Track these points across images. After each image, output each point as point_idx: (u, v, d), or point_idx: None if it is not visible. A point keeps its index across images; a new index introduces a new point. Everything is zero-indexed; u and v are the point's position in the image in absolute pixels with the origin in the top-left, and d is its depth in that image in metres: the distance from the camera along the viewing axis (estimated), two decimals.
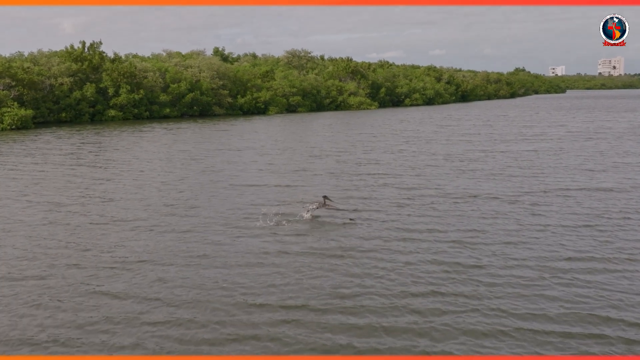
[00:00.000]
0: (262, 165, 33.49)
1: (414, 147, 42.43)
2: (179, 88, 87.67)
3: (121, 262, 15.52)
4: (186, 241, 17.40)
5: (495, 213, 20.78)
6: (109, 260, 15.65)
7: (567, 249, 16.25)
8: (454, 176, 29.07)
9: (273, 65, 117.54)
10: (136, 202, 23.18)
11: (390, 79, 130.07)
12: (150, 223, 19.64)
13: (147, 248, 16.75)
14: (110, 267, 15.11)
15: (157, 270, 14.77)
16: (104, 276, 14.45)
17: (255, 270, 14.70)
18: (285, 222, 19.45)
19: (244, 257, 15.81)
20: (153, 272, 14.69)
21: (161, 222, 19.78)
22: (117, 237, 17.98)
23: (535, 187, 25.73)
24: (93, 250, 16.61)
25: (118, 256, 16.03)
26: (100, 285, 13.83)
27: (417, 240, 17.10)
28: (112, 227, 19.20)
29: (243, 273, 14.47)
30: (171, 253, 16.25)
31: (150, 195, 24.45)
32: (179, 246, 16.90)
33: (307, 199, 22.93)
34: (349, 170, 31.12)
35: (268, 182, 27.60)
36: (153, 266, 15.12)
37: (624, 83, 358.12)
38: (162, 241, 17.45)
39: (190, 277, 14.25)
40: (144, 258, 15.80)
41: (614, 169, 30.84)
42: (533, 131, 55.66)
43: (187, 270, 14.75)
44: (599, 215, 20.52)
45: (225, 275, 14.34)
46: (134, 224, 19.51)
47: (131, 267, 15.10)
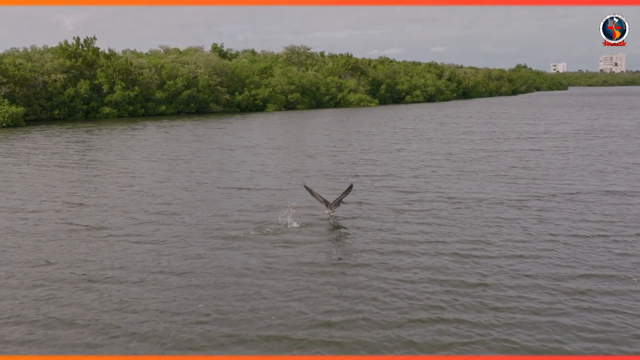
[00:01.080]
0: (253, 165, 31.88)
1: (413, 146, 40.82)
2: (175, 85, 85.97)
3: (85, 279, 13.92)
4: (162, 254, 15.81)
5: (500, 220, 19.18)
6: (71, 278, 14.03)
7: (581, 264, 14.65)
8: (455, 178, 27.47)
9: (272, 61, 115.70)
10: (113, 208, 21.55)
11: (391, 76, 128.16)
12: (125, 232, 18.04)
13: (117, 262, 15.15)
14: (71, 286, 13.52)
15: (123, 291, 13.17)
16: (61, 297, 12.84)
17: (234, 290, 13.11)
18: (271, 231, 17.87)
19: (224, 274, 14.22)
20: (119, 292, 13.10)
21: (137, 231, 18.18)
22: (85, 249, 16.38)
23: (542, 191, 24.13)
24: (56, 265, 15.01)
25: (82, 272, 14.43)
26: (54, 310, 12.22)
27: (415, 254, 15.49)
28: (82, 237, 17.59)
29: (220, 296, 12.87)
30: (143, 268, 14.66)
31: (130, 200, 22.83)
32: (153, 260, 15.31)
33: (297, 205, 21.33)
34: (345, 172, 29.51)
35: (258, 184, 25.99)
36: (120, 285, 13.52)
37: (626, 80, 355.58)
38: (135, 254, 15.86)
39: (160, 300, 12.65)
40: (111, 274, 14.20)
41: (625, 170, 29.22)
42: (537, 129, 54.00)
43: (158, 291, 13.16)
44: (613, 222, 18.93)
45: (200, 297, 12.75)
46: (107, 233, 17.91)
47: (95, 286, 13.50)
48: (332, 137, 48.76)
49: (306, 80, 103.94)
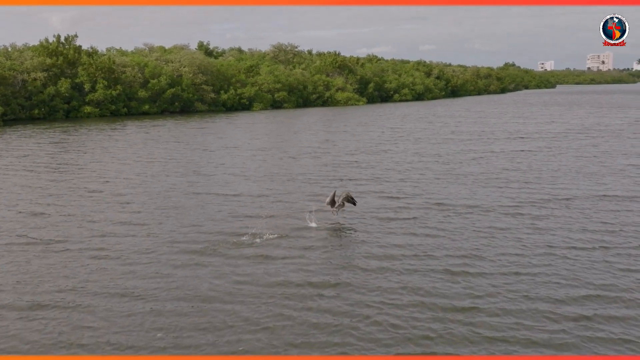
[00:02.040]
0: (232, 168, 30.36)
1: (401, 147, 39.47)
2: (158, 83, 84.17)
3: (30, 305, 12.40)
4: (121, 273, 14.31)
5: (492, 230, 17.84)
6: (16, 304, 12.49)
7: (582, 283, 13.32)
8: (444, 182, 26.13)
9: (259, 60, 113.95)
10: (76, 217, 19.96)
11: (379, 74, 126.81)
12: (85, 246, 16.51)
13: (70, 283, 13.65)
14: (15, 313, 12.01)
15: (71, 319, 11.69)
16: (4, 327, 11.34)
17: (197, 318, 11.66)
18: (246, 244, 16.43)
19: (188, 297, 12.77)
20: (65, 320, 11.62)
21: (98, 244, 16.66)
22: (37, 266, 14.84)
23: (535, 196, 22.84)
24: (3, 286, 13.48)
25: (29, 296, 12.91)
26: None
27: (402, 272, 14.08)
28: (37, 252, 16.04)
29: (181, 325, 11.42)
30: (98, 290, 13.17)
31: (95, 209, 21.27)
32: (111, 280, 13.81)
33: (279, 215, 19.92)
34: (329, 175, 28.09)
35: (235, 190, 24.50)
36: (68, 312, 12.02)
37: (613, 78, 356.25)
38: (91, 272, 14.35)
39: (112, 329, 11.19)
40: (61, 298, 12.70)
41: (620, 173, 28.00)
42: (527, 128, 52.82)
43: (110, 318, 11.69)
44: (613, 232, 17.65)
45: (159, 326, 11.30)
46: (64, 247, 16.37)
47: (39, 314, 11.98)
48: (317, 137, 47.31)
49: (293, 78, 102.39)
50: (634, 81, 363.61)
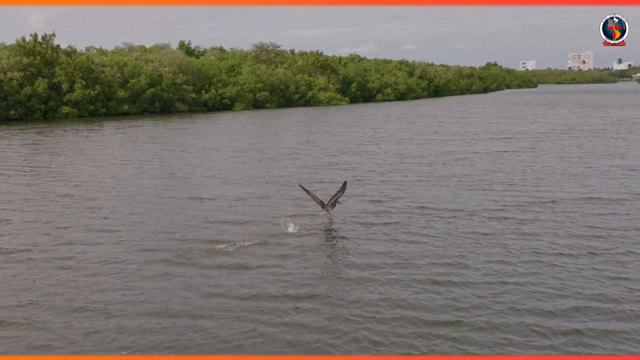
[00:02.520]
0: (209, 171, 29.50)
1: (383, 148, 38.85)
2: (138, 83, 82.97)
3: None
4: (84, 285, 13.47)
5: (477, 235, 17.23)
6: None
7: (571, 292, 12.72)
8: (427, 184, 25.51)
9: (241, 59, 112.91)
10: (42, 224, 19.01)
11: (362, 74, 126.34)
12: (48, 256, 15.59)
13: (36, 294, 12.79)
14: None
15: (22, 339, 10.85)
16: None
17: (163, 336, 10.88)
18: (221, 252, 15.66)
19: (156, 312, 11.99)
20: (28, 333, 10.78)
21: (62, 254, 15.76)
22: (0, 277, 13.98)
23: (519, 199, 22.28)
24: None
25: None
26: None
27: (383, 282, 13.38)
28: (0, 262, 15.17)
29: (146, 345, 10.64)
30: (58, 306, 12.32)
31: (63, 214, 20.32)
32: (72, 294, 12.97)
33: (256, 221, 19.17)
34: (309, 177, 27.35)
35: (212, 193, 23.68)
36: (21, 331, 11.17)
37: (594, 78, 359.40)
38: (51, 285, 13.48)
39: (69, 349, 10.38)
40: (15, 316, 11.83)
41: (605, 174, 27.57)
42: (510, 128, 52.47)
43: (67, 338, 10.87)
44: (600, 237, 17.11)
45: (121, 345, 10.51)
46: (25, 257, 15.46)
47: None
48: (298, 138, 46.56)
49: (275, 78, 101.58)
50: (614, 81, 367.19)
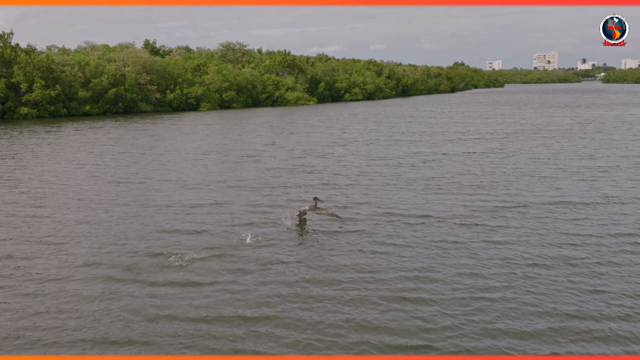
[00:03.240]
0: (166, 174, 28.14)
1: (350, 149, 37.91)
2: (100, 83, 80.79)
3: None
4: (23, 307, 12.20)
5: (446, 245, 16.34)
6: None
7: (546, 309, 11.88)
8: (394, 188, 24.62)
9: (207, 59, 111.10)
10: None
11: (330, 74, 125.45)
12: None
13: None
14: None
15: None
16: None
17: None
18: (172, 265, 14.49)
19: (103, 333, 10.80)
20: None
21: (0, 269, 14.46)
22: None
23: (490, 203, 21.52)
24: None
25: None
26: None
27: (345, 300, 12.36)
28: None
29: None
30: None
31: (6, 224, 18.84)
32: (9, 317, 11.70)
33: (213, 230, 18.01)
34: (271, 182, 26.25)
35: (169, 200, 22.40)
36: None
37: (559, 77, 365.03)
38: None
39: None
40: None
41: (575, 175, 27.03)
42: (478, 128, 52.04)
43: None
44: (572, 244, 16.39)
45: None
46: None
47: None
48: (263, 139, 45.36)
49: (242, 78, 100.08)
50: (578, 80, 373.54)
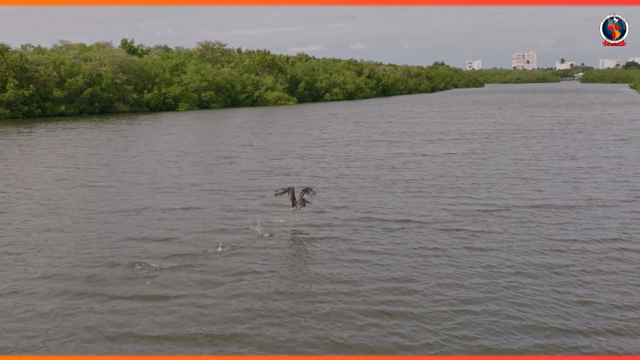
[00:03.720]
0: (142, 178, 27.18)
1: (329, 150, 37.18)
2: (76, 83, 79.20)
3: None
4: None
5: (426, 252, 15.66)
6: None
7: (532, 322, 11.26)
8: (373, 191, 23.93)
9: (186, 58, 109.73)
10: None
11: (310, 73, 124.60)
12: None
13: None
14: None
15: None
16: None
17: None
18: (139, 275, 13.64)
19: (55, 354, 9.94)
20: None
21: None
22: None
23: (471, 207, 20.91)
24: None
25: None
26: None
27: (319, 316, 11.60)
28: None
29: None
30: None
31: None
32: None
33: (183, 237, 17.16)
34: (247, 185, 25.44)
35: (140, 204, 21.48)
36: None
37: (538, 77, 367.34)
38: None
39: None
40: None
41: (557, 177, 26.55)
42: (458, 129, 51.60)
43: None
44: (557, 250, 15.81)
45: None
46: None
47: None
48: (240, 140, 44.46)
49: (221, 77, 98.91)
50: (557, 80, 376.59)
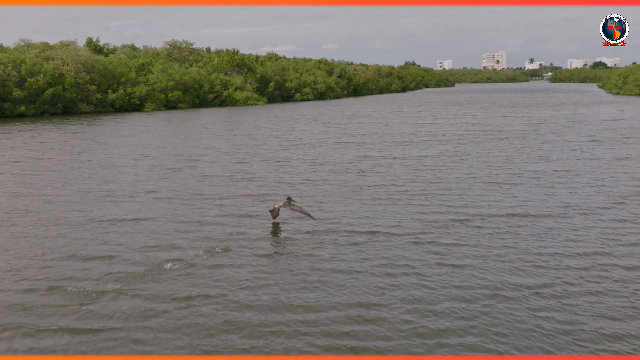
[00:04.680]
0: (84, 185, 25.37)
1: (295, 153, 35.69)
2: (36, 82, 76.48)
3: None
4: None
5: (394, 270, 14.30)
6: None
7: (511, 349, 9.92)
8: (339, 198, 22.53)
9: (153, 57, 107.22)
10: None
11: (280, 73, 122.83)
12: None
13: None
14: None
15: None
16: None
17: None
18: (76, 301, 12.02)
19: None
20: None
21: None
22: None
23: (443, 216, 19.64)
24: None
25: None
26: None
27: (265, 352, 10.15)
28: None
29: None
30: None
31: None
32: None
33: (127, 254, 15.54)
34: (206, 192, 23.82)
35: (80, 216, 19.73)
36: None
37: (508, 77, 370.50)
38: None
39: None
40: None
41: (532, 182, 25.45)
42: (429, 129, 50.50)
43: None
44: (536, 267, 14.61)
45: None
46: None
47: None
48: (203, 142, 42.72)
49: (188, 77, 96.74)
50: (526, 79, 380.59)
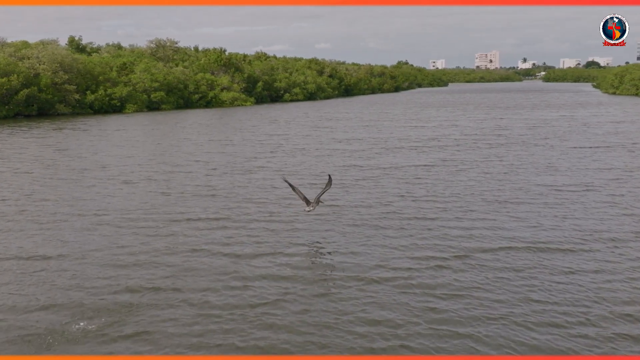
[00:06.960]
0: (33, 203, 22.17)
1: (277, 162, 32.53)
2: (9, 83, 72.93)
3: None
4: None
5: (369, 330, 11.19)
6: None
7: None
8: (315, 222, 19.37)
9: (136, 57, 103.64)
10: None
11: (269, 73, 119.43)
12: None
13: None
14: None
15: None
16: None
17: None
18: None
19: None
20: None
21: None
22: None
23: (435, 242, 16.62)
24: None
25: None
26: None
27: None
28: None
29: None
30: None
31: None
32: None
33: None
34: (165, 214, 20.57)
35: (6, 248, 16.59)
36: None
37: (501, 76, 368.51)
38: None
39: None
40: None
41: (539, 199, 22.41)
42: (423, 134, 47.39)
43: None
44: (560, 336, 11.51)
45: None
46: None
47: None
48: (181, 148, 39.48)
49: (172, 77, 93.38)
50: (519, 79, 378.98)
